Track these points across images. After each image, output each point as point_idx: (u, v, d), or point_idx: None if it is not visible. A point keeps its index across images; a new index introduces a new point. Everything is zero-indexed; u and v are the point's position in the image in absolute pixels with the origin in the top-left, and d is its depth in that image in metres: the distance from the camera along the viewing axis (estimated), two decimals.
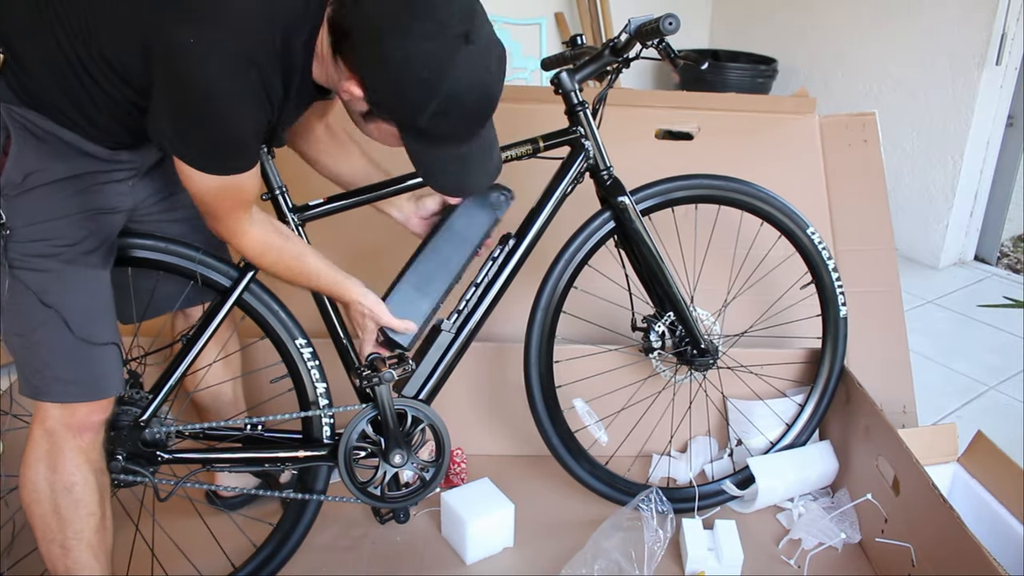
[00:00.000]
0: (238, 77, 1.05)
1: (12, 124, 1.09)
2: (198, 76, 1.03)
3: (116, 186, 1.23)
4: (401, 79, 1.06)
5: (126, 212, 1.28)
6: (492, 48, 1.11)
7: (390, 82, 1.08)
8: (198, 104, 1.05)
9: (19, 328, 1.17)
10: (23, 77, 1.09)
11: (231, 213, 1.19)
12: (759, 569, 1.60)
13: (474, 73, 1.09)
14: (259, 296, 1.42)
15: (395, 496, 1.50)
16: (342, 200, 1.42)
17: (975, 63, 2.97)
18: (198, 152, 1.10)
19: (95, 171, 1.18)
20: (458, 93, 1.08)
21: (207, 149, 1.10)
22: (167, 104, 1.07)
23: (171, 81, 1.05)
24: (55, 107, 1.11)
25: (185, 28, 1.02)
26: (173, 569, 1.50)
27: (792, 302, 1.92)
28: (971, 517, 1.38)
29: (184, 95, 1.05)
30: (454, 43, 1.05)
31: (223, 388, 1.60)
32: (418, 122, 1.10)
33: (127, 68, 1.09)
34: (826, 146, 2.12)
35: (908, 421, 1.94)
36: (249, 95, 1.07)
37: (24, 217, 1.12)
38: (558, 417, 1.66)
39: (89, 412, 1.22)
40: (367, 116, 1.16)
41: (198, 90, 1.04)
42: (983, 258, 3.37)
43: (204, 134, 1.08)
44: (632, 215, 1.54)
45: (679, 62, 1.42)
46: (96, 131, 1.15)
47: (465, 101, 1.10)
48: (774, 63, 3.54)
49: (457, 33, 1.05)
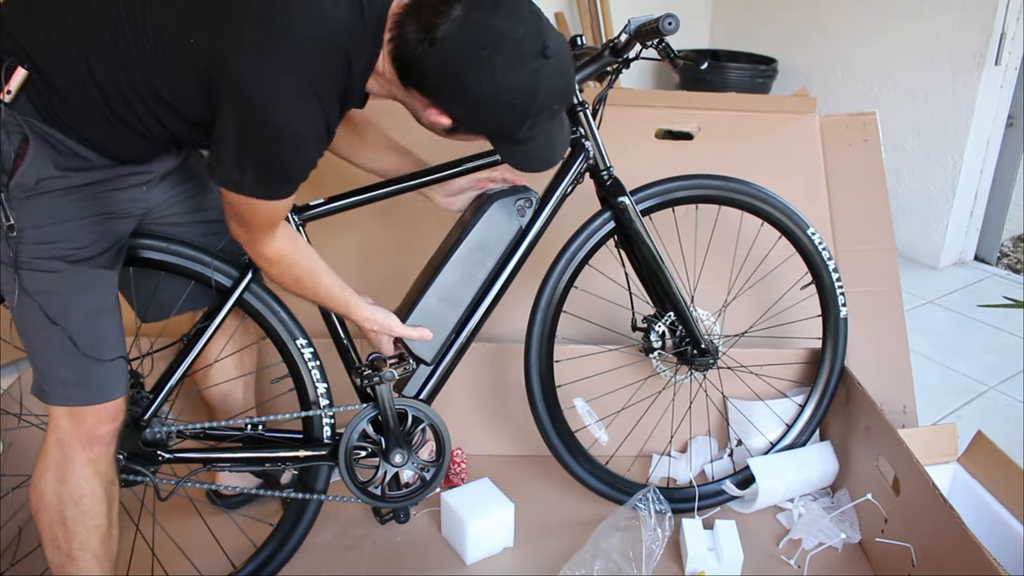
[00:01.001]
0: (304, 110, 1.06)
1: (30, 133, 1.09)
2: (263, 106, 1.03)
3: (130, 191, 1.23)
4: (493, 112, 1.10)
5: (140, 215, 1.28)
6: (563, 48, 1.13)
7: (482, 116, 1.12)
8: (263, 135, 1.06)
9: (26, 328, 1.17)
10: (48, 97, 1.09)
11: (262, 228, 1.20)
12: (759, 569, 1.60)
13: (557, 81, 1.12)
14: (260, 296, 1.42)
15: (395, 496, 1.50)
16: (342, 200, 1.42)
17: (975, 63, 2.97)
18: (253, 180, 1.10)
19: (110, 178, 1.19)
20: (547, 104, 1.12)
21: (263, 177, 1.11)
22: (231, 135, 1.07)
23: (236, 110, 1.05)
24: (77, 129, 1.11)
25: (245, 58, 1.02)
26: (173, 569, 1.51)
27: (792, 302, 1.92)
28: (971, 517, 1.38)
29: (249, 125, 1.05)
30: (535, 64, 1.08)
31: (234, 387, 1.60)
32: (515, 136, 1.15)
33: (179, 98, 1.09)
34: (826, 146, 2.12)
35: (908, 421, 1.94)
36: (314, 127, 1.08)
37: (34, 219, 1.11)
38: (558, 417, 1.66)
39: (97, 422, 1.22)
40: (451, 131, 1.18)
41: (263, 120, 1.04)
42: (983, 258, 3.37)
43: (265, 163, 1.09)
44: (632, 215, 1.54)
45: (679, 62, 1.42)
46: (118, 151, 1.16)
47: (554, 107, 1.15)
48: (774, 63, 3.54)
49: (536, 53, 1.07)
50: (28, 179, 1.10)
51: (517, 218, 1.46)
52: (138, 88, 1.09)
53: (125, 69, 1.07)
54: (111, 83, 1.08)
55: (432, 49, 1.06)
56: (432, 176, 1.45)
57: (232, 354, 1.57)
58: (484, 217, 1.43)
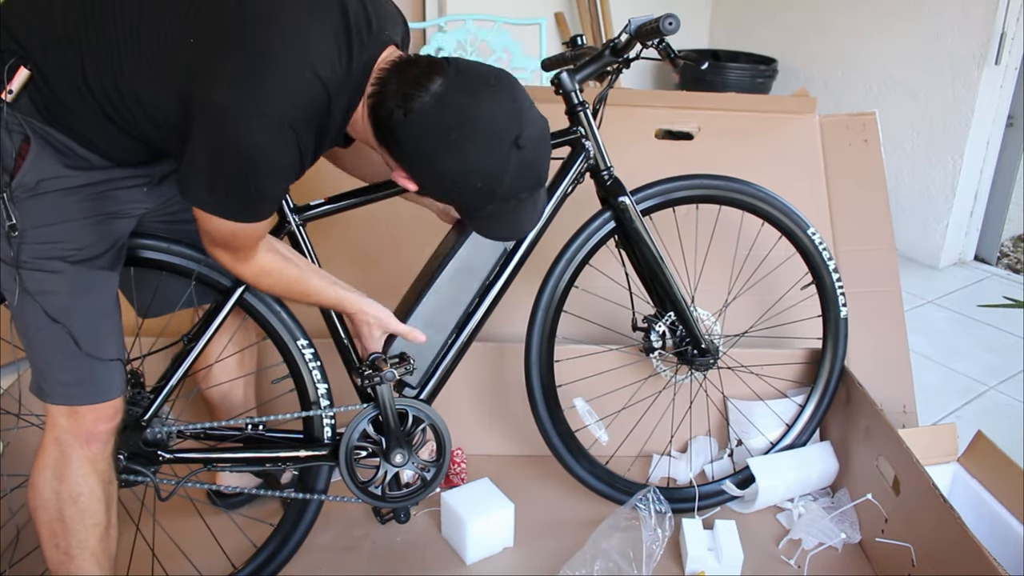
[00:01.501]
0: (277, 143, 1.05)
1: (32, 133, 1.09)
2: (237, 138, 1.03)
3: (130, 192, 1.23)
4: (458, 190, 1.10)
5: (139, 215, 1.28)
6: (539, 138, 1.12)
7: (446, 191, 1.12)
8: (234, 164, 1.06)
9: (25, 327, 1.17)
10: (48, 97, 1.09)
11: (240, 250, 1.20)
12: (759, 569, 1.60)
13: (526, 171, 1.11)
14: (260, 296, 1.42)
15: (396, 496, 1.50)
16: (342, 200, 1.42)
17: (975, 63, 2.97)
18: (226, 203, 1.10)
19: (111, 179, 1.19)
20: (513, 192, 1.12)
21: (235, 202, 1.11)
22: (202, 157, 1.07)
23: (209, 137, 1.05)
24: (76, 130, 1.12)
25: (223, 90, 1.02)
26: (173, 569, 1.51)
27: (793, 302, 1.92)
28: (971, 517, 1.38)
29: (221, 154, 1.06)
30: (506, 153, 1.07)
31: (234, 387, 1.60)
32: (479, 213, 1.15)
33: (161, 110, 1.09)
34: (826, 146, 2.12)
35: (908, 421, 1.94)
36: (287, 158, 1.08)
37: (35, 219, 1.12)
38: (558, 416, 1.66)
39: (96, 420, 1.22)
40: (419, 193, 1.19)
41: (236, 151, 1.04)
42: (983, 258, 3.37)
43: (236, 190, 1.09)
44: (633, 215, 1.54)
45: (679, 62, 1.42)
46: (115, 154, 1.16)
47: (521, 195, 1.13)
48: (774, 63, 3.54)
49: (508, 142, 1.07)
50: (30, 179, 1.10)
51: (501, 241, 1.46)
52: (123, 92, 1.09)
53: (113, 73, 1.08)
54: (99, 86, 1.08)
55: (406, 119, 1.06)
56: None
57: (233, 354, 1.57)
58: (468, 240, 1.44)
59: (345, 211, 1.43)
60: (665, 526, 1.59)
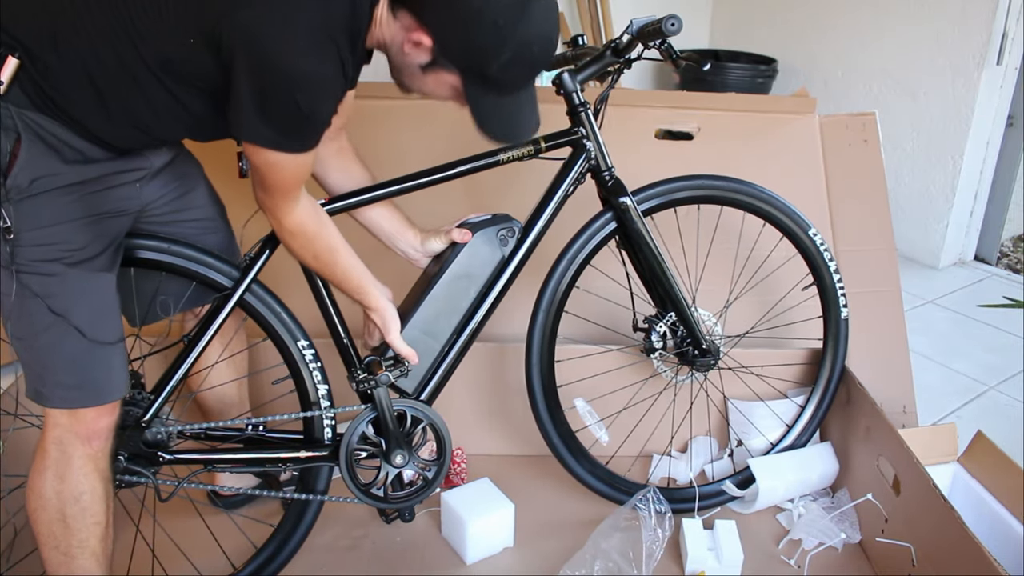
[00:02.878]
0: (319, 52, 1.05)
1: (23, 128, 1.08)
2: (282, 55, 1.03)
3: (124, 189, 1.23)
4: (475, 28, 1.09)
5: (134, 214, 1.27)
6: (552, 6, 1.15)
7: (464, 32, 1.11)
8: (285, 84, 1.05)
9: (23, 332, 1.16)
10: (42, 83, 1.08)
11: (283, 189, 1.19)
12: (759, 569, 1.60)
13: (542, 21, 1.13)
14: (261, 297, 1.42)
15: (398, 496, 1.50)
16: (342, 200, 1.42)
17: (975, 63, 2.97)
18: (278, 131, 1.10)
19: (104, 175, 1.18)
20: (528, 41, 1.12)
21: (288, 128, 1.10)
22: (250, 88, 1.06)
23: (253, 64, 1.04)
24: (71, 114, 1.11)
25: (258, 8, 1.02)
26: (173, 569, 1.51)
27: (793, 303, 1.92)
28: (971, 517, 1.38)
29: (269, 76, 1.05)
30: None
31: (227, 389, 1.60)
32: (488, 70, 1.13)
33: (188, 64, 1.08)
34: (826, 146, 2.12)
35: (908, 421, 1.94)
36: (331, 69, 1.08)
37: (29, 221, 1.11)
38: (559, 417, 1.66)
39: (96, 417, 1.22)
40: (427, 67, 1.17)
41: (283, 69, 1.04)
42: (983, 258, 3.38)
43: (288, 113, 1.08)
44: (634, 215, 1.54)
45: (681, 63, 1.42)
46: (111, 136, 1.15)
47: (534, 49, 1.14)
48: (774, 63, 3.54)
49: None
50: (23, 179, 1.09)
51: (500, 248, 1.47)
52: (147, 60, 1.08)
53: (131, 41, 1.07)
54: (115, 60, 1.07)
55: None
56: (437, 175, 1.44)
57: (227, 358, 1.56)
58: (466, 248, 1.44)
59: (346, 211, 1.43)
60: (665, 526, 1.59)
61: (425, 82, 1.20)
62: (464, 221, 1.49)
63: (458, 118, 1.23)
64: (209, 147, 1.34)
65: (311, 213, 1.26)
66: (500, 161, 1.45)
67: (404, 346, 1.40)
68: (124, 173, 1.22)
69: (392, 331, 1.38)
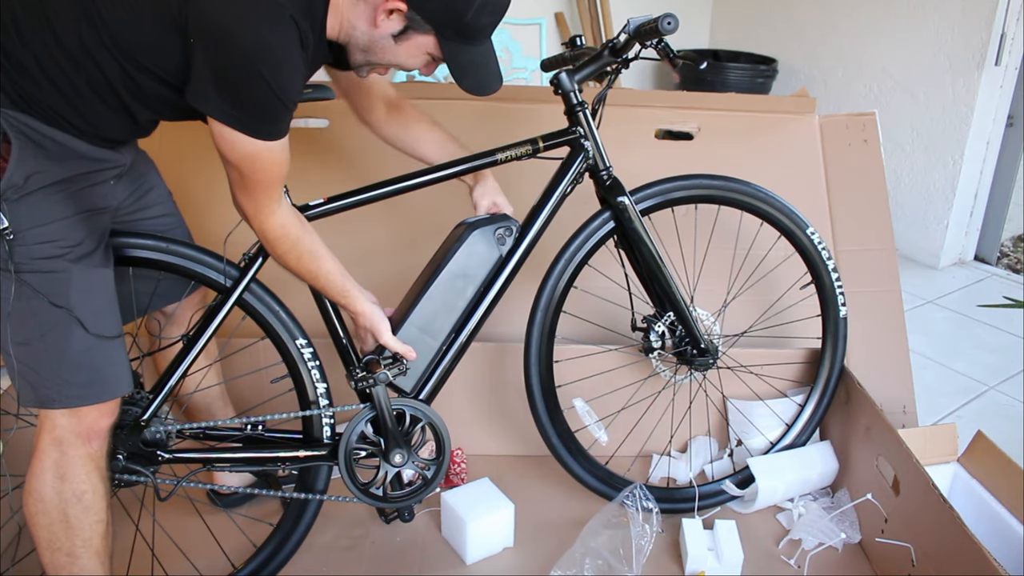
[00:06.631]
0: (278, 29, 1.06)
1: (9, 128, 1.09)
2: (242, 33, 1.04)
3: (103, 186, 1.24)
4: None
5: (111, 212, 1.28)
6: None
7: None
8: (246, 61, 1.06)
9: (26, 334, 1.16)
10: (17, 78, 1.09)
11: (263, 186, 1.19)
12: (759, 569, 1.60)
13: None
14: (260, 296, 1.42)
15: (397, 496, 1.50)
16: (342, 200, 1.42)
17: (975, 63, 2.97)
18: (245, 112, 1.10)
19: (86, 172, 1.19)
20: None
21: (254, 107, 1.10)
22: (212, 67, 1.07)
23: (214, 43, 1.05)
24: (48, 106, 1.11)
25: None
26: (173, 569, 1.51)
27: (792, 302, 1.92)
28: (971, 517, 1.38)
29: (230, 55, 1.06)
30: None
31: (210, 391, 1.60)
32: (464, 18, 1.16)
33: (151, 49, 1.09)
34: (826, 146, 2.12)
35: (908, 421, 1.94)
36: (291, 46, 1.09)
37: (28, 220, 1.11)
38: (558, 417, 1.66)
39: (98, 416, 1.22)
40: (399, 35, 1.19)
41: (244, 47, 1.05)
42: (983, 258, 3.37)
43: (252, 91, 1.08)
44: (632, 215, 1.54)
45: (678, 62, 1.42)
46: (87, 127, 1.15)
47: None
48: (774, 63, 3.54)
49: None
50: (18, 178, 1.10)
51: (497, 246, 1.47)
52: (112, 51, 1.09)
53: (97, 32, 1.07)
54: (81, 48, 1.08)
55: None
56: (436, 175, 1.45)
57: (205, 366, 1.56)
58: (463, 246, 1.44)
59: (345, 211, 1.43)
60: (653, 522, 1.59)
61: (397, 53, 1.21)
62: (462, 223, 1.49)
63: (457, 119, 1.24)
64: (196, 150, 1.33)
65: (292, 218, 1.27)
66: (498, 160, 1.45)
67: (399, 343, 1.40)
68: (101, 172, 1.22)
69: (383, 332, 1.39)
